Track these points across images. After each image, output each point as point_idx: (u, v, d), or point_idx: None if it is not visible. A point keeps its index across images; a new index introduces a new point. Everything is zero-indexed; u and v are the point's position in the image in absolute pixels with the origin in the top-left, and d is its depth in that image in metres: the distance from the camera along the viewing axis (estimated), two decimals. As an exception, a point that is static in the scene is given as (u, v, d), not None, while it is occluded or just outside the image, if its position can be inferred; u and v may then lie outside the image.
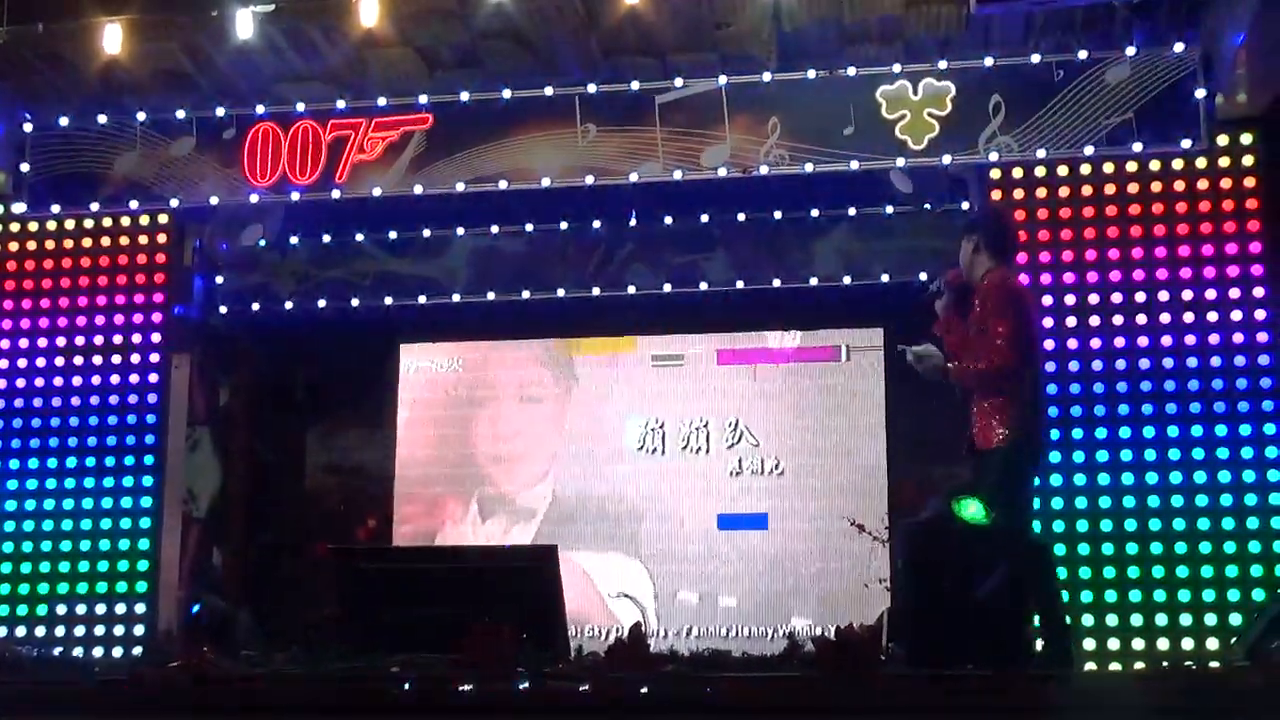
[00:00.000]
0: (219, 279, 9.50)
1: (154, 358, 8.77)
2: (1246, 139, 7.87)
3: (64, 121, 8.77)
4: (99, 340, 8.81)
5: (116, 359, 8.77)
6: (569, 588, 6.78)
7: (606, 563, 9.61)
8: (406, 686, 5.38)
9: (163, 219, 8.91)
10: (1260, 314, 7.72)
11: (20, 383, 8.83)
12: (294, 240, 9.52)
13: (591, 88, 8.29)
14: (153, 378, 8.75)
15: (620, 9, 7.77)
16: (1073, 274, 7.89)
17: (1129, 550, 7.57)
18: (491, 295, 9.34)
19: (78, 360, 8.80)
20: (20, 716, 5.68)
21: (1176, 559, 7.52)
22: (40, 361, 8.84)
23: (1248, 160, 7.86)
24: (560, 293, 9.29)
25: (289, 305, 9.53)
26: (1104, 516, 7.61)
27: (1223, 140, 7.84)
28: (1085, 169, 7.98)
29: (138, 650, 8.29)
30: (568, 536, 9.47)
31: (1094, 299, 7.82)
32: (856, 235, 9.05)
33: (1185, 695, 5.12)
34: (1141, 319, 7.82)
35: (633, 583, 9.58)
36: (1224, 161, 7.87)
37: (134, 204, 8.73)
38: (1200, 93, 7.67)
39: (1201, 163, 7.86)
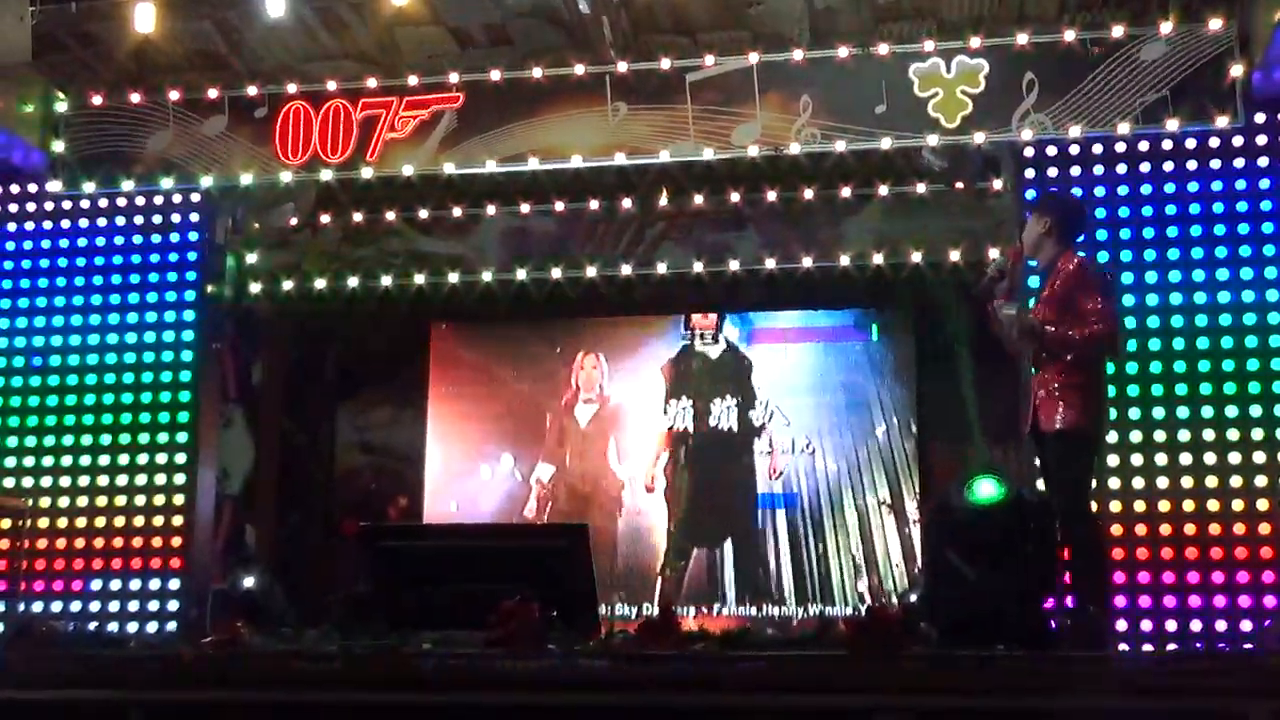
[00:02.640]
0: (251, 257, 9.54)
1: (187, 336, 8.81)
2: (1285, 116, 7.81)
3: (97, 100, 8.79)
4: (132, 319, 8.86)
5: (150, 337, 8.82)
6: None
7: (633, 537, 9.63)
8: (437, 663, 5.40)
9: (195, 198, 8.94)
10: (1298, 294, 7.66)
11: (55, 361, 8.89)
12: (325, 219, 9.55)
13: (622, 66, 8.26)
14: (186, 356, 8.79)
15: (652, -13, 7.76)
16: (1107, 253, 7.83)
17: (1161, 531, 7.54)
18: (522, 274, 9.36)
19: (111, 339, 8.86)
20: (57, 690, 5.73)
21: (1211, 540, 7.48)
22: (75, 340, 8.90)
23: (1285, 138, 7.80)
24: (591, 272, 9.29)
25: (320, 284, 9.56)
26: (1136, 497, 7.57)
27: (1260, 118, 7.75)
28: (1120, 147, 7.90)
29: (172, 625, 8.36)
30: (591, 512, 9.52)
31: (1129, 278, 7.76)
32: (888, 214, 9.01)
33: (1218, 677, 5.09)
34: (1177, 299, 7.76)
35: (661, 559, 9.60)
36: (1261, 139, 7.80)
37: (167, 183, 8.75)
38: (1237, 70, 7.57)
39: (1238, 141, 7.79)
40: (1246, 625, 7.29)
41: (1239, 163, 7.80)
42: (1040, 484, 6.58)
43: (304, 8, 8.06)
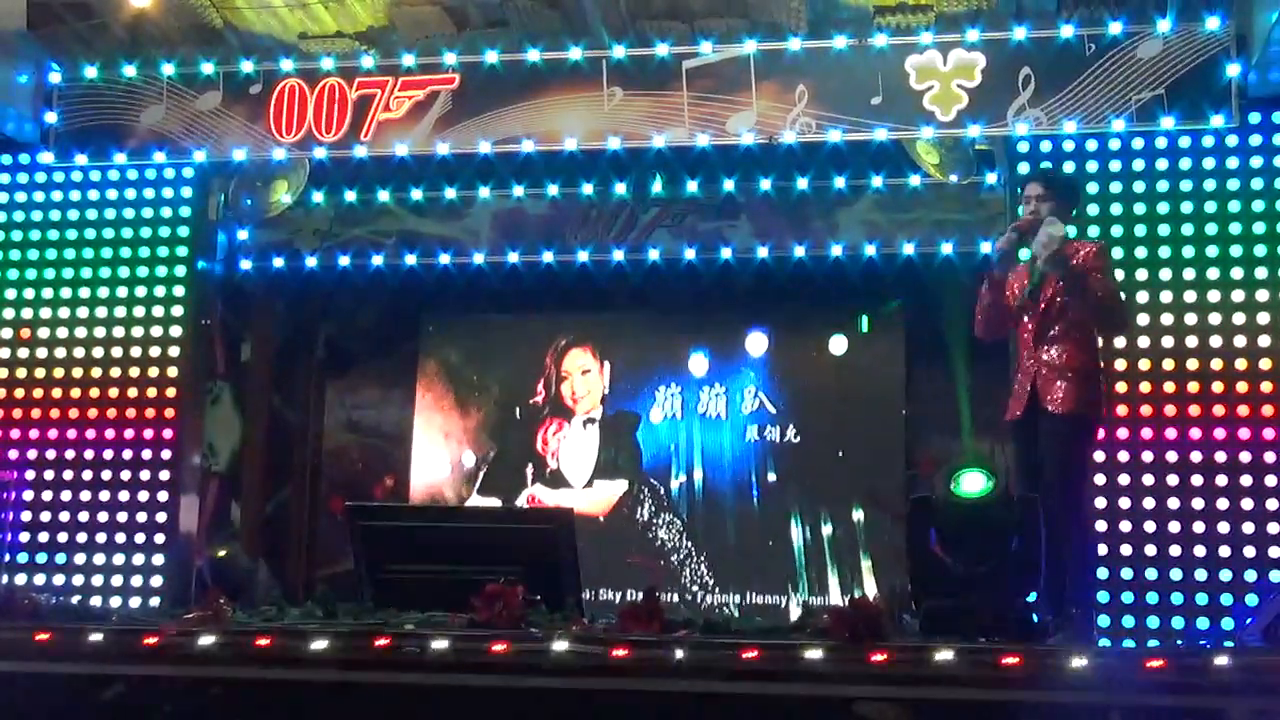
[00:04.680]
0: (243, 234, 9.53)
1: (176, 311, 8.79)
2: (1278, 117, 7.81)
3: (91, 73, 8.75)
4: (122, 292, 8.84)
5: (139, 311, 8.80)
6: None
7: (620, 525, 9.64)
8: (419, 644, 5.40)
9: (188, 173, 8.91)
10: (1288, 294, 7.68)
11: (44, 333, 8.86)
12: (318, 197, 9.53)
13: (619, 51, 8.24)
14: (175, 331, 8.77)
15: (650, -28, 7.74)
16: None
17: (1146, 528, 7.56)
18: (514, 257, 9.36)
19: (100, 312, 8.84)
20: (38, 664, 5.73)
21: (1195, 537, 7.51)
22: (64, 312, 8.88)
23: (1279, 139, 7.81)
24: (583, 257, 9.30)
25: (312, 262, 9.55)
26: (1122, 493, 7.60)
27: (1254, 118, 7.76)
28: (1114, 144, 7.91)
29: (155, 601, 8.36)
30: (580, 498, 9.52)
31: (1119, 275, 7.75)
32: (881, 205, 9.04)
33: (1198, 674, 5.11)
34: (1167, 297, 7.77)
35: (646, 546, 9.60)
36: (1255, 140, 7.80)
37: (159, 157, 8.71)
38: (1233, 69, 7.57)
39: (1232, 140, 7.79)
40: (1228, 623, 7.32)
41: (1233, 163, 7.81)
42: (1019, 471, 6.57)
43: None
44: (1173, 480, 7.56)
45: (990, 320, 6.50)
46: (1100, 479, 7.57)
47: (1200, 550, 7.47)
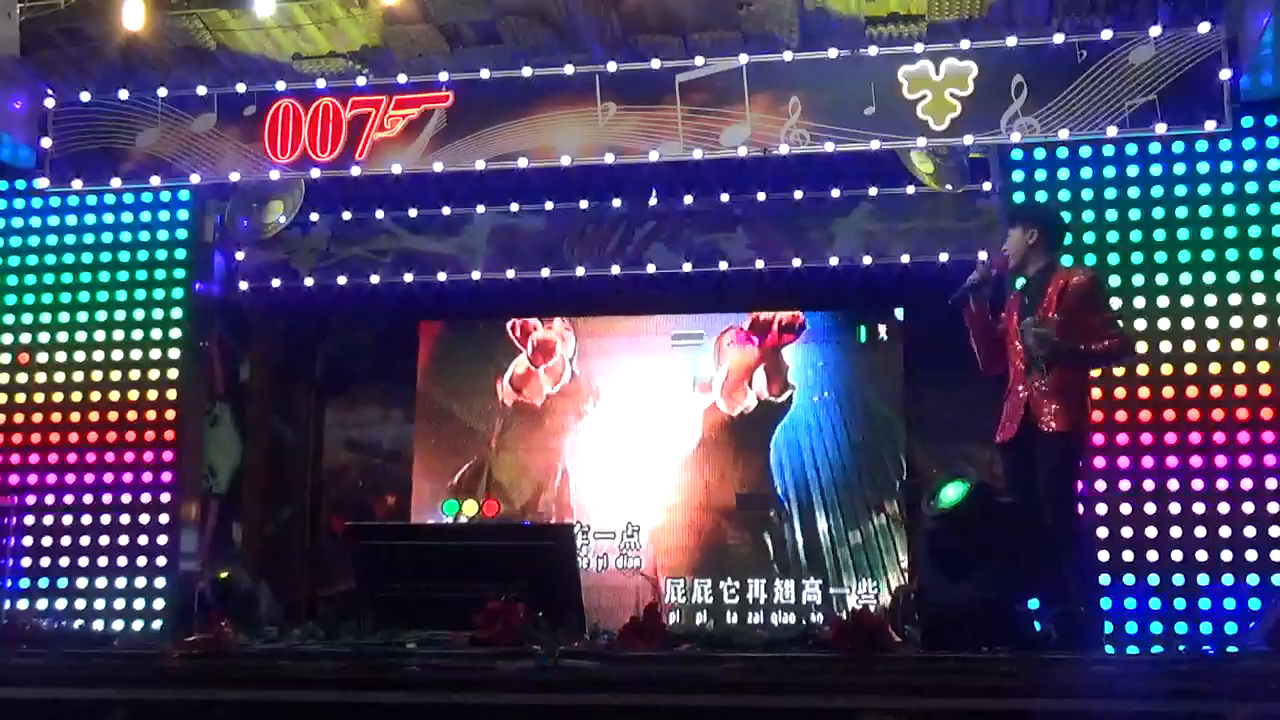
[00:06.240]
0: (240, 255, 9.54)
1: (175, 333, 8.81)
2: (1271, 120, 7.82)
3: (85, 97, 8.76)
4: (120, 315, 8.85)
5: (138, 334, 8.80)
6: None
7: (622, 538, 9.63)
8: (420, 663, 5.39)
9: (184, 195, 8.93)
10: (1283, 296, 7.69)
11: (42, 357, 8.88)
12: (314, 217, 9.54)
13: (612, 66, 8.24)
14: (173, 353, 8.78)
15: (642, -13, 7.75)
16: (1094, 255, 7.84)
17: (1148, 534, 7.55)
18: (511, 273, 9.36)
19: (99, 335, 8.84)
20: (39, 689, 5.72)
21: (1197, 542, 7.50)
22: (62, 336, 8.89)
23: (1272, 142, 7.82)
24: (580, 271, 9.31)
25: (309, 282, 9.56)
26: (1122, 500, 7.59)
27: (1247, 122, 7.77)
28: (1108, 150, 7.92)
29: (157, 624, 8.35)
30: (581, 509, 9.53)
31: (1115, 280, 7.76)
32: (877, 216, 9.05)
33: (1203, 680, 5.10)
34: (1164, 301, 7.78)
35: (648, 560, 9.59)
36: (1248, 143, 7.82)
37: (155, 180, 8.71)
38: (1225, 74, 7.57)
39: (1225, 144, 7.80)
40: (1231, 628, 7.31)
41: (1226, 166, 7.82)
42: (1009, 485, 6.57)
43: (293, 5, 8.03)
44: (1173, 485, 7.57)
45: (986, 351, 6.52)
46: (1101, 485, 7.59)
47: (1202, 555, 7.47)
